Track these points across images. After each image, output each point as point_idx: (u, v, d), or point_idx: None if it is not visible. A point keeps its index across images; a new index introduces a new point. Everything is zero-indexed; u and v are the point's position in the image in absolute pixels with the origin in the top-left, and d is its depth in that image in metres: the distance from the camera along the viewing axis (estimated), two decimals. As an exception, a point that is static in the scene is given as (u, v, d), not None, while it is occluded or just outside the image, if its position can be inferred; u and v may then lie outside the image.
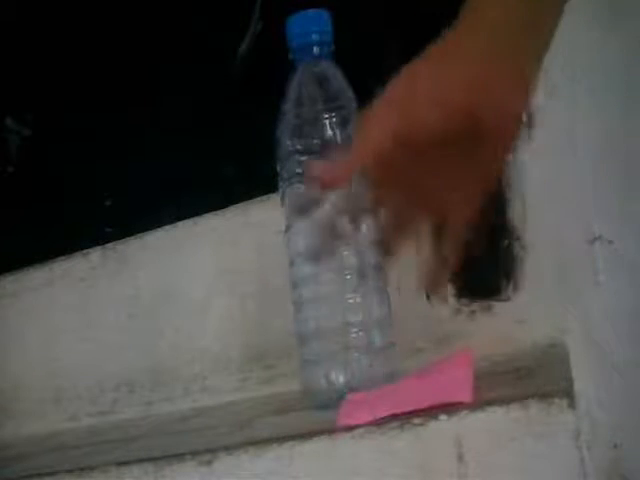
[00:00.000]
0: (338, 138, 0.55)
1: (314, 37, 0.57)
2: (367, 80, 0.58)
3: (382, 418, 0.43)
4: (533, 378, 0.48)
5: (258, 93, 0.71)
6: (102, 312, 0.80)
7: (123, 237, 0.79)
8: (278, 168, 0.57)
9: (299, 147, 0.56)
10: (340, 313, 0.55)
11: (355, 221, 0.51)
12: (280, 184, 0.57)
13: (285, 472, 0.43)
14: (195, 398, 0.74)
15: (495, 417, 0.40)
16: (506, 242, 0.62)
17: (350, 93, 0.57)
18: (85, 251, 0.82)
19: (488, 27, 0.41)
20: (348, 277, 0.55)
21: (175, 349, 0.76)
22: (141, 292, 0.78)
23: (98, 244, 0.81)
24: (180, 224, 0.76)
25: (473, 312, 0.62)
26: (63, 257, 0.83)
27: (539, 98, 0.61)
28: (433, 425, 0.40)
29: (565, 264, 0.60)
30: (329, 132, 0.55)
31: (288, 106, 0.57)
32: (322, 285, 0.55)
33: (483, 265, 0.62)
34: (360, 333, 0.54)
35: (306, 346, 0.56)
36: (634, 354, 0.57)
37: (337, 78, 0.57)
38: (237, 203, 0.73)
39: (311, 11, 0.57)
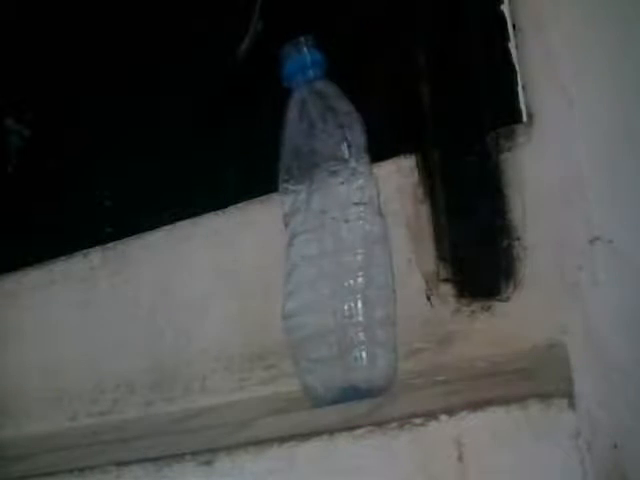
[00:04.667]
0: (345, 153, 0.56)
1: (307, 60, 0.58)
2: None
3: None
4: (533, 378, 0.48)
5: (258, 93, 0.71)
6: (102, 312, 0.80)
7: (123, 237, 0.79)
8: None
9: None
10: (340, 312, 0.55)
11: None
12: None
13: (285, 472, 0.43)
14: (195, 398, 0.74)
15: (495, 417, 0.40)
16: (506, 242, 0.62)
17: (350, 107, 0.57)
18: (85, 251, 0.82)
19: None
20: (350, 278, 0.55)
21: (175, 349, 0.76)
22: (141, 292, 0.78)
23: (98, 244, 0.81)
24: (180, 224, 0.76)
25: (473, 312, 0.62)
26: (63, 257, 0.83)
27: (539, 98, 0.62)
28: (433, 425, 0.40)
29: (565, 264, 0.60)
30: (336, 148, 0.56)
31: (290, 127, 0.58)
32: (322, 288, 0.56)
33: (483, 265, 0.62)
34: (361, 332, 0.55)
35: (304, 346, 0.57)
36: (634, 354, 0.57)
37: (334, 94, 0.58)
38: (237, 203, 0.73)
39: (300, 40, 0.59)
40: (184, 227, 0.76)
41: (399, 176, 0.66)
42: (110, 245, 0.80)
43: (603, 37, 0.60)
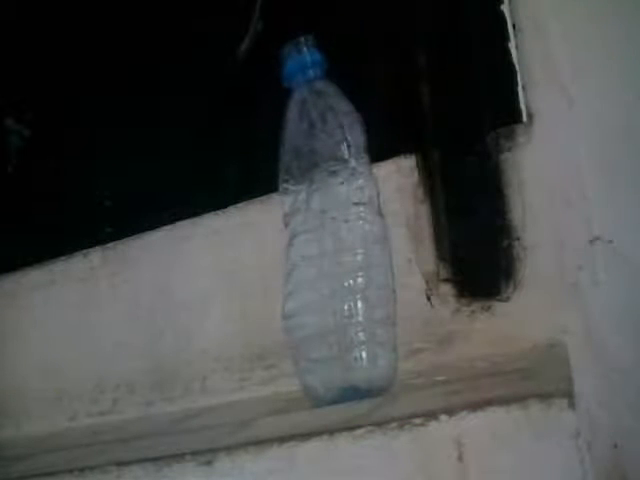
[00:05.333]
0: (345, 153, 0.56)
1: (307, 60, 0.59)
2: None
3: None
4: (533, 378, 0.48)
5: (258, 93, 0.71)
6: (102, 312, 0.80)
7: (123, 237, 0.79)
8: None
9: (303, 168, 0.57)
10: (340, 312, 0.55)
11: None
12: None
13: (285, 472, 0.43)
14: (195, 398, 0.74)
15: (495, 417, 0.40)
16: (506, 242, 0.62)
17: (350, 107, 0.58)
18: (85, 251, 0.82)
19: None
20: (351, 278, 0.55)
21: (175, 349, 0.76)
22: (141, 292, 0.78)
23: (98, 244, 0.81)
24: (180, 224, 0.76)
25: (473, 312, 0.62)
26: (63, 257, 0.83)
27: (539, 98, 0.62)
28: (433, 425, 0.40)
29: (565, 264, 0.60)
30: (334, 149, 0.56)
31: (289, 127, 0.58)
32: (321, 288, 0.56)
33: (483, 265, 0.62)
34: (361, 333, 0.55)
35: (304, 346, 0.57)
36: (634, 354, 0.57)
37: (334, 94, 0.58)
38: (237, 203, 0.73)
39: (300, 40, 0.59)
40: (184, 227, 0.76)
41: (399, 176, 0.66)
42: (110, 245, 0.80)
43: (603, 37, 0.60)
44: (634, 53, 0.59)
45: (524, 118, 0.62)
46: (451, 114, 0.64)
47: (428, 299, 0.64)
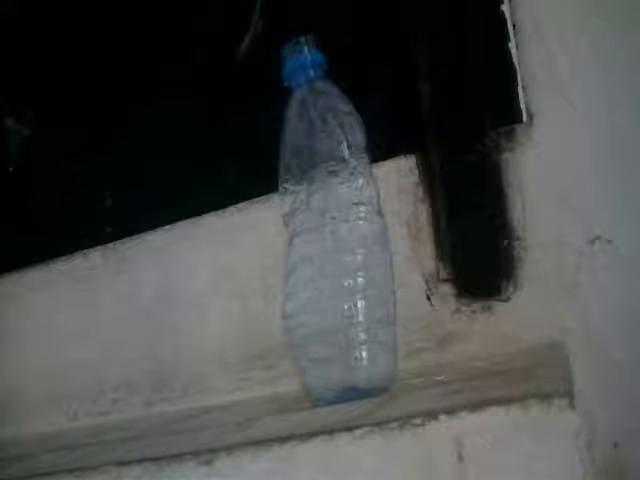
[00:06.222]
0: (345, 153, 0.56)
1: (307, 60, 0.59)
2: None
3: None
4: (533, 378, 0.48)
5: (258, 93, 0.71)
6: (102, 312, 0.80)
7: (123, 237, 0.79)
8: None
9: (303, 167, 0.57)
10: (340, 312, 0.55)
11: None
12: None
13: (285, 472, 0.43)
14: (195, 398, 0.74)
15: (495, 417, 0.40)
16: (506, 242, 0.62)
17: (350, 107, 0.58)
18: (85, 251, 0.82)
19: None
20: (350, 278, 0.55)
21: (175, 349, 0.76)
22: (141, 292, 0.78)
23: (98, 244, 0.81)
24: (180, 224, 0.76)
25: (473, 312, 0.62)
26: (63, 257, 0.83)
27: (539, 98, 0.62)
28: (433, 425, 0.40)
29: (565, 264, 0.60)
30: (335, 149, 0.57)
31: (289, 127, 0.58)
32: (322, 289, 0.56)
33: (483, 265, 0.62)
34: (361, 332, 0.55)
35: (304, 346, 0.57)
36: (634, 354, 0.57)
37: (334, 94, 0.58)
38: (237, 203, 0.73)
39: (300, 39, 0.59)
40: (184, 227, 0.76)
41: (399, 176, 0.66)
42: (110, 245, 0.80)
43: (603, 37, 0.60)
44: (634, 53, 0.59)
45: (524, 118, 0.62)
46: (451, 114, 0.64)
47: (428, 299, 0.64)
